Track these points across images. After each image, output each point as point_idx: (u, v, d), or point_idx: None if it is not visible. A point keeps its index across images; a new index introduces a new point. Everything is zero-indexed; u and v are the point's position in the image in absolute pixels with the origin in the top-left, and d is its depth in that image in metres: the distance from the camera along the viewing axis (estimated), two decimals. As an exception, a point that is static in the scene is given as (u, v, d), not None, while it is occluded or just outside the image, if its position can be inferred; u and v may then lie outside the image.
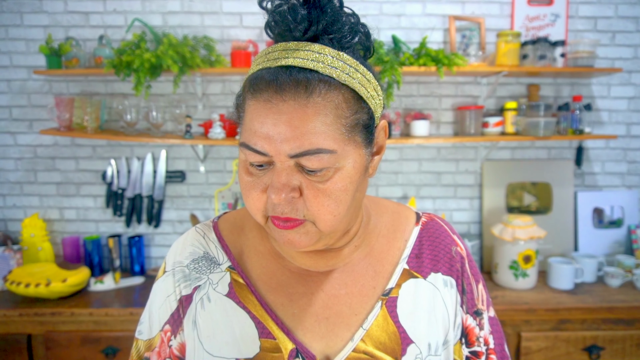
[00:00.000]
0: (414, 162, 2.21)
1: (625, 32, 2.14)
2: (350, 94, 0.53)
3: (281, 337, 0.61)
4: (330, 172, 0.53)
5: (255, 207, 0.56)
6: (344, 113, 0.52)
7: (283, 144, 0.51)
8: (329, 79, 0.52)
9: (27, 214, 2.21)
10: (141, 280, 2.04)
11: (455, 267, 0.68)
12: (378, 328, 0.62)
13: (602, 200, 2.20)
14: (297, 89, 0.50)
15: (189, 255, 0.68)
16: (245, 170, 0.56)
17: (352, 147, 0.54)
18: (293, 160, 0.52)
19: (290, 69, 0.51)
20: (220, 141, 1.92)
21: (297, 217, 0.54)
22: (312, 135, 0.50)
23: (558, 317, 1.74)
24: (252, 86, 0.53)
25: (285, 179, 0.52)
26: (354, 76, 0.54)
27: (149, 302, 0.69)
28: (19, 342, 1.73)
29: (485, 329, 0.68)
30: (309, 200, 0.53)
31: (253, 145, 0.52)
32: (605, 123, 2.20)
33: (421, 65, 1.90)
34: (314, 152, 0.51)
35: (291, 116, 0.50)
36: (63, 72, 1.95)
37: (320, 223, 0.54)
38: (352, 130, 0.53)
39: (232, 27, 2.10)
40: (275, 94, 0.51)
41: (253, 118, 0.53)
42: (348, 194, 0.54)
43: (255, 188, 0.55)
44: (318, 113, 0.51)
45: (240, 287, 0.64)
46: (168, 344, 0.66)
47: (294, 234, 0.55)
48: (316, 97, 0.51)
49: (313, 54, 0.52)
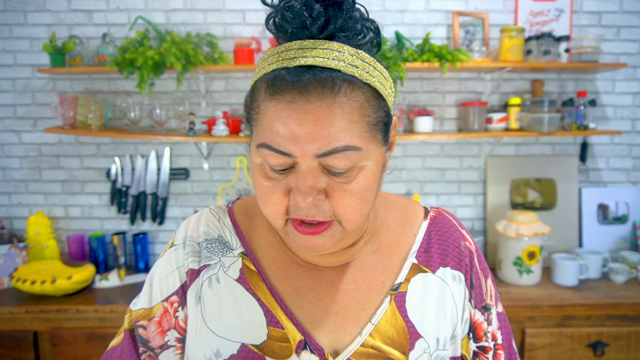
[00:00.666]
0: (418, 158, 2.21)
1: (630, 27, 2.13)
2: (371, 93, 0.53)
3: (290, 328, 0.61)
4: (355, 172, 0.52)
5: (276, 212, 0.54)
6: (367, 112, 0.52)
7: (310, 143, 0.49)
8: (352, 78, 0.51)
9: (32, 212, 2.22)
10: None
11: (464, 262, 0.68)
12: (386, 323, 0.62)
13: (606, 196, 2.20)
14: (322, 89, 0.49)
15: (203, 234, 0.68)
16: (262, 174, 0.54)
17: (374, 145, 0.54)
18: (318, 160, 0.50)
19: (313, 69, 0.49)
20: (224, 138, 1.92)
21: (325, 218, 0.53)
22: (340, 133, 0.50)
23: (562, 313, 1.74)
24: (271, 87, 0.51)
25: (312, 182, 0.51)
26: (374, 74, 0.53)
27: (151, 274, 0.68)
28: (26, 339, 1.74)
29: (494, 324, 0.68)
30: (335, 202, 0.52)
31: (276, 146, 0.50)
32: (610, 119, 2.19)
33: (424, 61, 1.89)
34: (342, 149, 0.50)
35: (317, 116, 0.49)
36: (67, 71, 1.95)
37: (346, 222, 0.54)
38: (374, 128, 0.53)
39: (235, 24, 2.10)
40: (299, 95, 0.49)
41: (274, 119, 0.50)
42: (372, 192, 0.55)
43: (275, 192, 0.53)
44: (344, 112, 0.50)
45: (252, 273, 0.64)
46: (174, 314, 0.65)
47: (319, 238, 0.54)
48: (342, 96, 0.50)
49: (333, 53, 0.51)
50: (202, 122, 2.07)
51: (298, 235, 0.55)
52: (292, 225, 0.55)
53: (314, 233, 0.54)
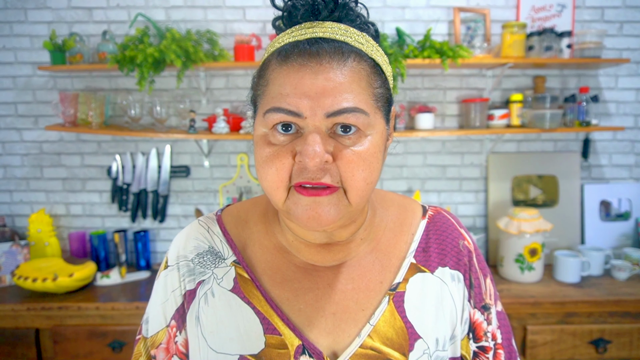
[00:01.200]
0: (419, 155, 2.20)
1: (633, 22, 2.11)
2: (375, 68, 0.56)
3: (287, 333, 0.60)
4: (362, 138, 0.53)
5: (278, 179, 0.53)
6: (373, 82, 0.54)
7: (320, 100, 0.50)
8: (359, 51, 0.54)
9: (33, 210, 2.22)
10: (147, 275, 2.05)
11: (463, 261, 0.67)
12: (385, 323, 0.61)
13: (609, 193, 2.18)
14: (333, 54, 0.52)
15: (194, 249, 0.67)
16: (265, 142, 0.54)
17: (379, 117, 0.55)
18: (328, 120, 0.51)
19: (324, 40, 0.52)
20: (224, 136, 1.92)
21: (332, 183, 0.52)
22: (349, 94, 0.51)
23: (564, 310, 1.74)
24: (282, 55, 0.53)
25: (320, 142, 0.51)
26: (377, 55, 0.57)
27: (152, 299, 0.68)
28: (27, 336, 1.75)
29: (493, 323, 0.67)
30: (343, 165, 0.52)
31: (286, 106, 0.51)
32: (613, 115, 2.18)
33: (425, 57, 1.88)
34: (351, 110, 0.51)
35: (328, 76, 0.51)
36: (67, 68, 1.95)
37: (352, 191, 0.53)
38: (378, 100, 0.55)
39: (235, 21, 2.09)
40: (310, 58, 0.51)
41: (284, 82, 0.52)
42: (378, 161, 0.55)
43: (279, 156, 0.52)
44: (354, 76, 0.52)
45: (245, 282, 0.63)
46: (174, 339, 0.65)
47: (323, 206, 0.52)
48: (351, 61, 0.52)
49: (340, 30, 0.54)
50: (203, 119, 2.07)
51: (301, 199, 0.53)
52: (295, 191, 0.53)
53: (319, 194, 0.52)
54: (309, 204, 0.53)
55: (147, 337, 0.66)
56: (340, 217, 0.55)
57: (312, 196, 0.52)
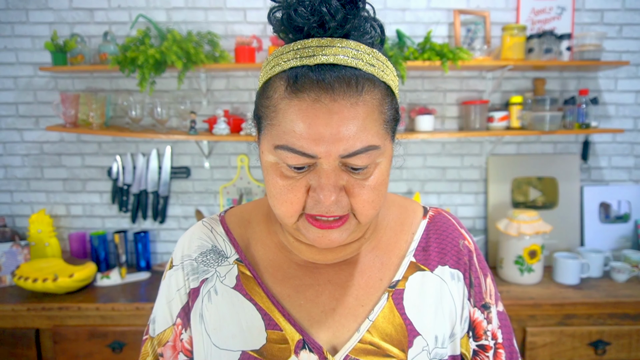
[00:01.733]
0: (419, 157, 2.20)
1: (632, 24, 2.12)
2: (386, 90, 0.54)
3: (288, 329, 0.61)
4: (372, 168, 0.53)
5: (292, 210, 0.54)
6: (384, 109, 0.53)
7: (335, 144, 0.49)
8: (372, 77, 0.52)
9: (34, 210, 2.22)
10: (147, 276, 2.05)
11: (463, 261, 0.68)
12: (384, 320, 0.62)
13: (608, 195, 2.19)
14: (348, 87, 0.49)
15: (197, 248, 0.68)
16: (278, 173, 0.53)
17: (388, 141, 0.56)
18: (341, 159, 0.51)
19: (335, 67, 0.50)
20: (225, 137, 1.92)
21: (343, 212, 0.54)
22: (363, 133, 0.50)
23: (564, 312, 1.74)
24: (293, 85, 0.50)
25: (334, 180, 0.51)
26: (387, 72, 0.54)
27: (158, 298, 0.69)
28: (27, 336, 1.75)
29: (494, 323, 0.67)
30: (354, 198, 0.53)
31: (299, 148, 0.50)
32: (612, 117, 2.19)
33: (426, 59, 1.89)
34: (365, 150, 0.51)
35: (343, 116, 0.49)
36: (68, 69, 1.95)
37: (362, 216, 0.55)
38: (388, 125, 0.55)
39: (236, 23, 2.10)
40: (324, 94, 0.49)
41: (296, 119, 0.50)
42: (386, 186, 0.56)
43: (293, 190, 0.53)
44: (367, 111, 0.51)
45: (248, 279, 0.65)
46: (180, 337, 0.66)
47: (334, 233, 0.55)
48: (365, 94, 0.50)
49: (352, 51, 0.51)
50: (203, 120, 2.07)
51: (313, 230, 0.55)
52: (307, 220, 0.55)
53: (331, 227, 0.54)
54: (321, 233, 0.55)
55: (154, 336, 0.68)
56: (350, 235, 0.57)
57: (324, 229, 0.54)
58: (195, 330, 0.65)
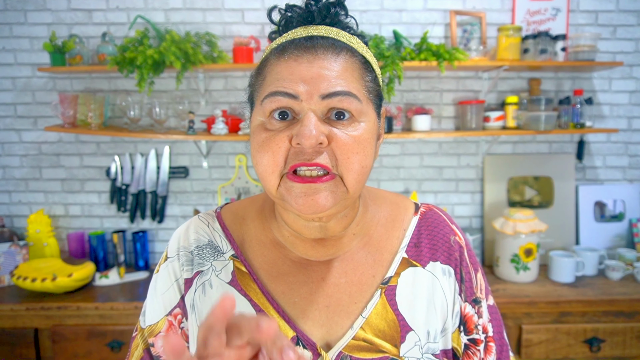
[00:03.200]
0: (416, 156, 2.22)
1: (626, 25, 2.14)
2: (366, 65, 0.59)
3: (282, 325, 0.62)
4: (356, 123, 0.56)
5: (273, 162, 0.54)
6: (364, 76, 0.58)
7: (316, 84, 0.53)
8: (351, 47, 0.58)
9: (32, 210, 2.23)
10: (145, 275, 2.06)
11: (454, 256, 0.69)
12: (377, 316, 0.63)
13: (603, 194, 2.21)
14: (327, 47, 0.55)
15: (194, 241, 0.69)
16: (262, 129, 0.56)
17: (370, 108, 0.58)
18: (324, 103, 0.53)
19: (318, 36, 0.57)
20: (223, 137, 1.93)
21: (326, 164, 0.53)
22: (343, 80, 0.54)
23: (559, 309, 1.76)
24: (278, 50, 0.57)
25: (316, 123, 0.53)
26: (368, 55, 0.61)
27: (151, 290, 0.69)
28: (26, 336, 1.75)
29: (484, 317, 0.69)
30: (338, 148, 0.54)
31: (282, 89, 0.53)
32: (607, 117, 2.20)
33: (422, 60, 1.90)
34: (345, 93, 0.54)
35: (323, 64, 0.54)
36: (67, 69, 1.96)
37: (349, 175, 0.54)
38: (369, 92, 0.58)
39: (234, 24, 2.11)
40: (306, 51, 0.55)
41: (281, 70, 0.55)
42: (371, 148, 0.57)
43: (274, 139, 0.54)
44: (347, 66, 0.56)
45: (243, 275, 0.66)
46: (179, 325, 0.66)
47: (320, 191, 0.53)
48: (344, 55, 0.56)
49: (333, 31, 0.58)
50: (202, 120, 2.08)
51: (296, 187, 0.53)
52: (289, 179, 0.54)
53: (314, 182, 0.53)
54: (303, 190, 0.53)
55: (144, 327, 0.68)
56: (337, 204, 0.56)
57: (307, 183, 0.53)
58: (189, 319, 0.66)
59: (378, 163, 2.22)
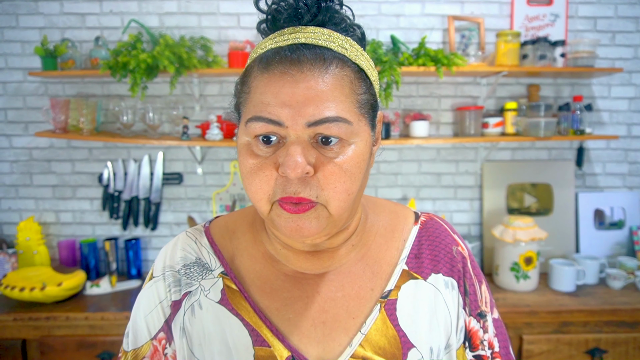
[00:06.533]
0: (414, 163, 2.19)
1: (625, 32, 2.13)
2: (360, 74, 0.54)
3: (276, 345, 0.58)
4: (345, 147, 0.52)
5: (262, 191, 0.52)
6: (356, 89, 0.53)
7: (301, 110, 0.49)
8: (342, 56, 0.53)
9: (22, 217, 2.18)
10: (138, 284, 2.01)
11: (457, 268, 0.65)
12: (377, 332, 0.59)
13: (603, 202, 2.18)
14: (315, 61, 0.50)
15: (181, 260, 0.65)
16: (249, 153, 0.53)
17: (363, 124, 0.54)
18: (310, 130, 0.50)
19: (306, 46, 0.51)
20: (218, 142, 1.90)
21: (310, 197, 0.51)
22: (332, 102, 0.50)
23: (560, 319, 1.72)
24: (263, 62, 0.52)
25: (301, 151, 0.50)
26: (361, 59, 0.55)
27: (134, 311, 0.66)
28: (14, 347, 1.70)
29: (490, 331, 0.65)
30: (324, 177, 0.51)
31: (266, 115, 0.50)
32: (606, 123, 2.19)
33: (420, 65, 1.88)
34: (333, 119, 0.50)
35: (310, 84, 0.49)
36: (59, 74, 1.93)
37: (333, 203, 0.52)
38: (362, 107, 0.54)
39: (229, 28, 2.09)
40: (292, 66, 0.50)
41: (266, 90, 0.51)
42: (361, 171, 0.54)
43: (262, 168, 0.52)
44: (336, 83, 0.51)
45: (233, 293, 0.62)
46: (163, 352, 0.63)
47: (304, 220, 0.52)
48: (334, 68, 0.51)
49: (324, 35, 0.53)
50: (196, 126, 2.05)
51: (283, 215, 0.52)
52: (279, 205, 0.53)
53: (298, 211, 0.51)
54: (291, 217, 0.52)
55: (128, 350, 0.64)
56: (323, 229, 0.54)
57: (292, 213, 0.52)
58: (177, 344, 0.62)
59: (375, 169, 2.19)
